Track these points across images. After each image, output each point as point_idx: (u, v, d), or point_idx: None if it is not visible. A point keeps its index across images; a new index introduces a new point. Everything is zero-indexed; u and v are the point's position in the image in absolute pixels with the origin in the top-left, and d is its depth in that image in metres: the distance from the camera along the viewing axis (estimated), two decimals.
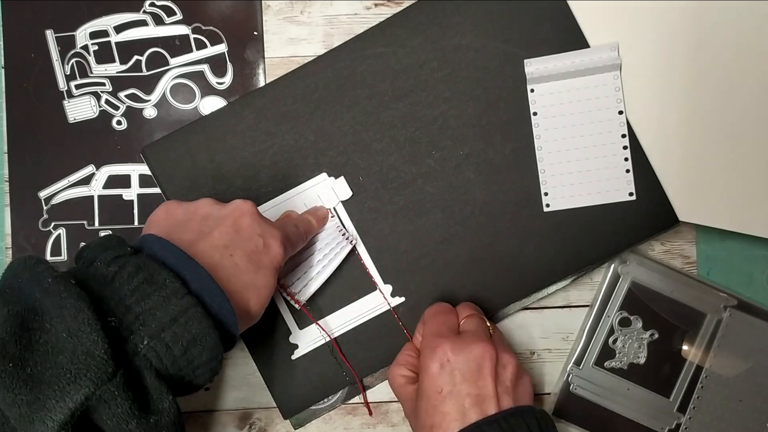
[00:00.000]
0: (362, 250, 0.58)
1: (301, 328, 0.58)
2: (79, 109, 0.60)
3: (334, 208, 0.58)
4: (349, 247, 0.57)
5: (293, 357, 0.58)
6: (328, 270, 0.57)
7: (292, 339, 0.58)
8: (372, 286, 0.58)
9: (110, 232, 0.48)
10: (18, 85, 0.60)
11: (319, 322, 0.58)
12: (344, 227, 0.58)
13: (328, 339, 0.58)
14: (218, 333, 0.42)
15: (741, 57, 0.55)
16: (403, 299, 0.58)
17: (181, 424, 0.42)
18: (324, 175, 0.58)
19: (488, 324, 0.53)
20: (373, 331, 0.58)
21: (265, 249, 0.47)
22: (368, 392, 0.59)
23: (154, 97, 0.60)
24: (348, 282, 0.58)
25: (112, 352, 0.38)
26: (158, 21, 0.60)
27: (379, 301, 0.58)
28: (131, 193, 0.60)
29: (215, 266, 0.44)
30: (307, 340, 0.58)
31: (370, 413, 0.59)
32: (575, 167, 0.58)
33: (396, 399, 0.59)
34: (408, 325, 0.58)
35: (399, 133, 0.58)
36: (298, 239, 0.52)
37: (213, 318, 0.42)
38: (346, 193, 0.58)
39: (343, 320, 0.58)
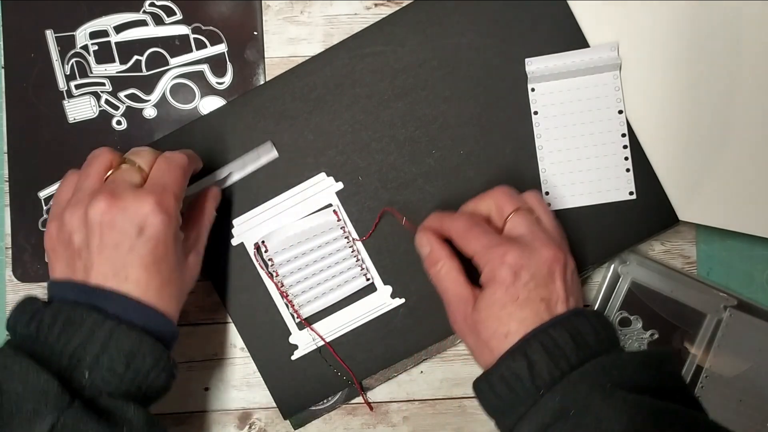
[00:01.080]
0: (363, 254, 0.58)
1: (300, 329, 0.58)
2: (79, 109, 0.60)
3: (349, 231, 0.58)
4: (364, 282, 0.57)
5: (293, 357, 0.58)
6: (337, 295, 0.57)
7: (291, 339, 0.58)
8: (372, 288, 0.58)
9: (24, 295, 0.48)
10: (18, 85, 0.60)
11: (318, 324, 0.58)
12: (363, 261, 0.58)
13: (330, 338, 0.58)
14: (152, 337, 0.44)
15: (741, 57, 0.55)
16: (403, 300, 0.58)
17: (156, 424, 0.44)
18: (323, 174, 0.58)
19: (535, 214, 0.51)
20: (373, 333, 0.58)
21: (145, 236, 0.45)
22: (368, 393, 0.59)
23: (154, 97, 0.60)
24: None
25: (63, 388, 0.41)
26: (158, 21, 0.60)
27: (379, 303, 0.58)
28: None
29: (120, 288, 0.45)
30: (307, 340, 0.58)
31: (371, 408, 0.59)
32: (575, 166, 0.58)
33: (396, 399, 0.59)
34: (409, 327, 0.58)
35: (398, 132, 0.58)
36: (174, 180, 0.48)
37: (140, 327, 0.44)
38: (271, 154, 0.57)
39: (343, 322, 0.58)
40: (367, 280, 0.58)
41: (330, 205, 0.58)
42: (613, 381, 0.43)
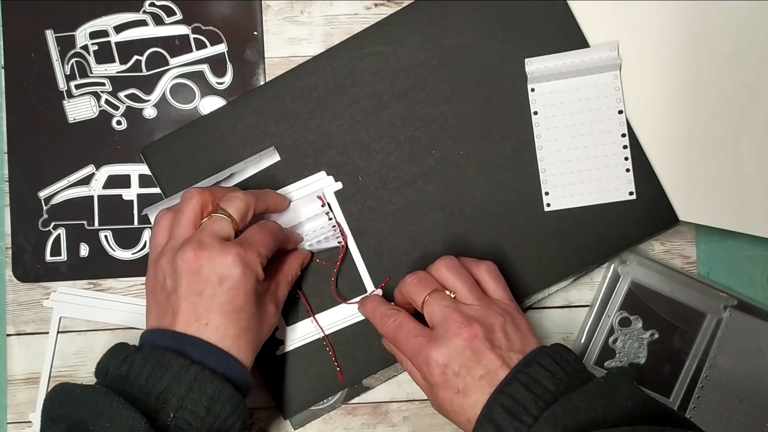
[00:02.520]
0: (355, 253, 0.58)
1: (288, 325, 0.58)
2: (79, 109, 0.60)
3: (329, 204, 0.58)
4: (335, 243, 0.57)
5: (278, 353, 0.58)
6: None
7: (278, 335, 0.58)
8: (365, 288, 0.58)
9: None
10: (18, 85, 0.60)
11: (304, 322, 0.58)
12: (339, 226, 0.58)
13: (317, 337, 0.58)
14: (231, 385, 0.47)
15: (741, 56, 0.55)
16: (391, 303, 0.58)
17: None
18: (323, 173, 0.58)
19: (447, 292, 0.51)
20: (374, 333, 0.58)
21: (226, 286, 0.47)
22: (368, 393, 0.59)
23: (154, 97, 0.60)
24: (342, 282, 0.58)
25: (150, 426, 0.44)
26: (158, 21, 0.60)
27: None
28: (131, 193, 0.60)
29: (201, 334, 0.48)
30: (294, 336, 0.58)
31: (341, 378, 0.58)
32: (575, 167, 0.58)
33: (396, 399, 0.60)
34: None
35: (399, 132, 0.58)
36: (261, 241, 0.50)
37: (221, 375, 0.47)
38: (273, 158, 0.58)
39: (335, 319, 0.58)
40: (339, 243, 0.57)
41: (319, 194, 0.58)
42: (566, 426, 0.43)
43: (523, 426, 0.45)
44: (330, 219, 0.57)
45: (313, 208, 0.57)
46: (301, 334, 0.58)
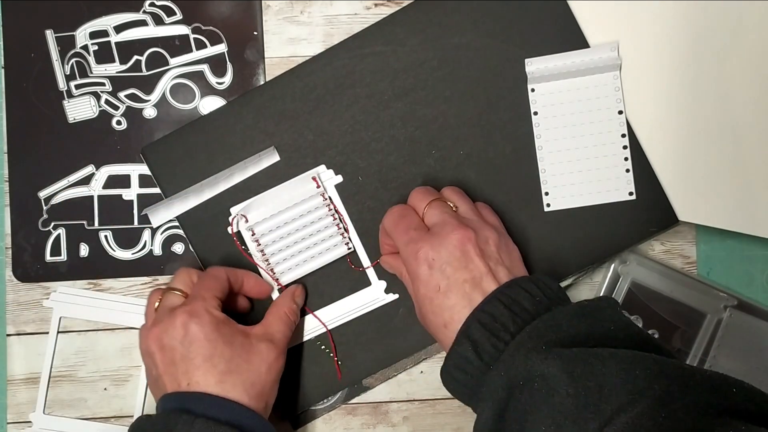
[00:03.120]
0: (359, 248, 0.58)
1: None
2: (79, 109, 0.60)
3: (329, 197, 0.58)
4: (346, 250, 0.57)
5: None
6: (318, 262, 0.57)
7: None
8: (366, 282, 0.58)
9: None
10: (18, 85, 0.60)
11: (308, 316, 0.58)
12: (345, 229, 0.58)
13: (316, 334, 0.58)
14: (238, 430, 0.47)
15: (741, 57, 0.55)
16: (397, 296, 0.58)
17: None
18: (323, 167, 0.58)
19: (450, 204, 0.52)
20: (373, 333, 0.58)
21: (187, 341, 0.50)
22: (368, 393, 0.59)
23: (154, 97, 0.60)
24: (342, 276, 0.58)
25: None
26: (158, 21, 0.60)
27: (373, 297, 0.58)
28: (131, 193, 0.60)
29: (192, 387, 0.49)
30: (301, 331, 0.58)
31: (339, 372, 0.59)
32: (575, 167, 0.58)
33: (396, 399, 0.60)
34: (409, 327, 0.58)
35: (398, 132, 0.58)
36: (205, 287, 0.52)
37: (226, 422, 0.48)
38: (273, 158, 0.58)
39: (334, 315, 0.58)
40: (349, 248, 0.58)
41: (314, 174, 0.58)
42: (548, 341, 0.43)
43: (499, 342, 0.45)
44: (325, 200, 0.57)
45: (308, 189, 0.57)
46: (308, 328, 0.58)
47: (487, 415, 0.44)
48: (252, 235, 0.57)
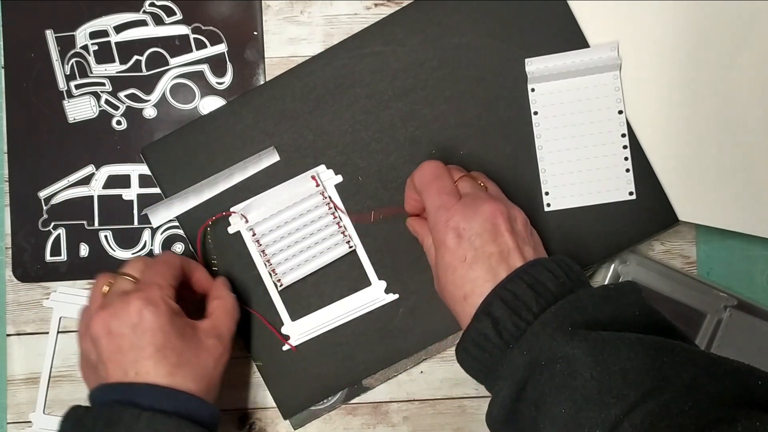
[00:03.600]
0: (359, 249, 0.58)
1: (293, 320, 0.58)
2: (79, 109, 0.60)
3: (328, 195, 0.58)
4: (347, 249, 0.57)
5: (284, 348, 0.58)
6: (318, 262, 0.57)
7: (283, 330, 0.58)
8: (366, 282, 0.58)
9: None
10: (18, 85, 0.60)
11: (309, 316, 0.58)
12: (345, 227, 0.58)
13: (322, 331, 0.58)
14: (189, 420, 0.47)
15: (741, 57, 0.55)
16: (397, 296, 0.58)
17: None
18: (323, 167, 0.58)
19: (480, 182, 0.52)
20: (373, 333, 0.58)
21: (140, 330, 0.48)
22: (368, 393, 0.59)
23: (154, 97, 0.60)
24: (342, 276, 0.58)
25: None
26: (158, 21, 0.60)
27: (373, 297, 0.58)
28: (131, 193, 0.60)
29: (137, 376, 0.48)
30: (299, 332, 0.58)
31: (294, 349, 0.58)
32: (575, 167, 0.58)
33: (396, 399, 0.60)
34: (409, 327, 0.58)
35: (398, 132, 0.58)
36: (159, 274, 0.51)
37: (175, 413, 0.46)
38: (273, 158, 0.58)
39: (334, 315, 0.58)
40: (350, 247, 0.57)
41: (313, 174, 0.58)
42: (574, 322, 0.43)
43: (521, 321, 0.44)
44: (324, 198, 0.57)
45: (308, 188, 0.57)
46: (308, 327, 0.58)
47: (505, 393, 0.43)
48: (252, 236, 0.57)
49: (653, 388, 0.39)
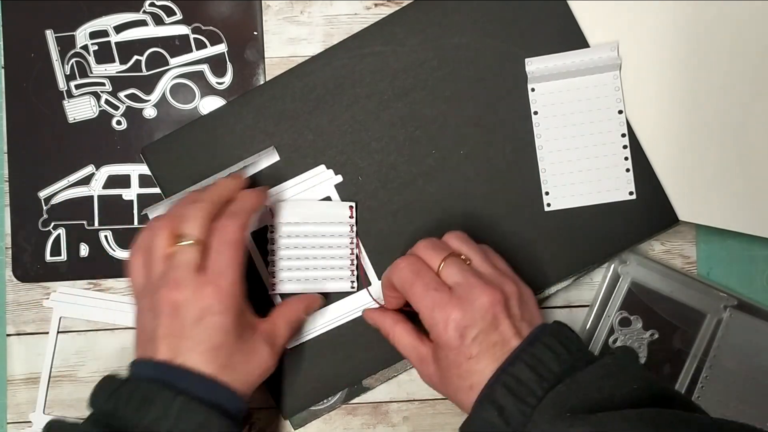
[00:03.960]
0: (365, 260, 0.58)
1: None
2: (79, 109, 0.60)
3: (356, 231, 0.58)
4: (348, 287, 0.57)
5: (288, 346, 0.58)
6: (316, 286, 0.57)
7: None
8: (366, 282, 0.58)
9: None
10: (18, 85, 0.60)
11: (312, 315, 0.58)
12: (356, 267, 0.58)
13: (325, 330, 0.58)
14: (219, 411, 0.47)
15: (741, 57, 0.55)
16: None
17: None
18: (322, 167, 0.58)
19: (461, 256, 0.51)
20: (373, 333, 0.58)
21: (203, 325, 0.48)
22: (368, 393, 0.59)
23: (154, 97, 0.60)
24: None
25: None
26: (158, 21, 0.60)
27: (369, 299, 0.58)
28: (131, 193, 0.60)
29: (184, 363, 0.48)
30: (301, 331, 0.58)
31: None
32: (575, 167, 0.58)
33: (396, 399, 0.59)
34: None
35: (398, 132, 0.58)
36: (230, 263, 0.49)
37: (208, 402, 0.47)
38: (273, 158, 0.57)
39: (335, 315, 0.58)
40: (352, 287, 0.57)
41: (352, 204, 0.58)
42: (573, 407, 0.43)
43: (527, 407, 0.44)
44: (351, 231, 0.57)
45: (342, 214, 0.57)
46: (308, 327, 0.58)
47: None
48: (270, 233, 0.57)
49: None
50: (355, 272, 0.58)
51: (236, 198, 0.53)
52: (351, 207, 0.57)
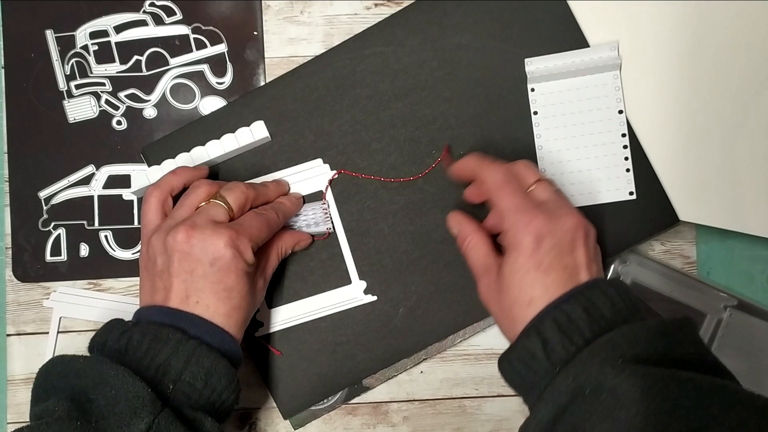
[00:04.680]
0: (343, 243, 0.58)
1: (270, 308, 0.58)
2: (79, 109, 0.60)
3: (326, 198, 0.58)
4: (324, 228, 0.58)
5: (256, 334, 0.58)
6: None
7: (258, 316, 0.58)
8: (347, 280, 0.58)
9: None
10: (18, 85, 0.60)
11: (285, 307, 0.58)
12: (330, 215, 0.58)
13: (299, 322, 0.58)
14: (226, 359, 0.48)
15: (741, 56, 0.55)
16: (375, 298, 0.58)
17: None
18: (319, 161, 0.58)
19: (554, 185, 0.52)
20: (373, 333, 0.58)
21: (216, 267, 0.48)
22: (368, 393, 0.59)
23: (154, 97, 0.60)
24: (326, 270, 0.58)
25: (155, 395, 0.45)
26: (158, 21, 0.60)
27: (351, 296, 0.58)
28: (131, 193, 0.60)
29: (192, 311, 0.49)
30: (275, 320, 0.58)
31: (279, 353, 0.58)
32: (575, 167, 0.58)
33: (396, 399, 0.60)
34: (409, 327, 0.58)
35: (399, 132, 0.58)
36: (256, 228, 0.51)
37: (216, 349, 0.48)
38: (263, 132, 0.57)
39: (310, 309, 0.58)
40: (328, 229, 0.58)
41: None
42: (624, 355, 0.42)
43: (571, 345, 0.44)
44: (323, 203, 0.57)
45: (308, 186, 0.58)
46: (283, 317, 0.58)
47: (544, 415, 0.43)
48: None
49: (699, 426, 0.39)
50: (329, 219, 0.58)
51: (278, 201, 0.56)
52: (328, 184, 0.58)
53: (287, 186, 0.58)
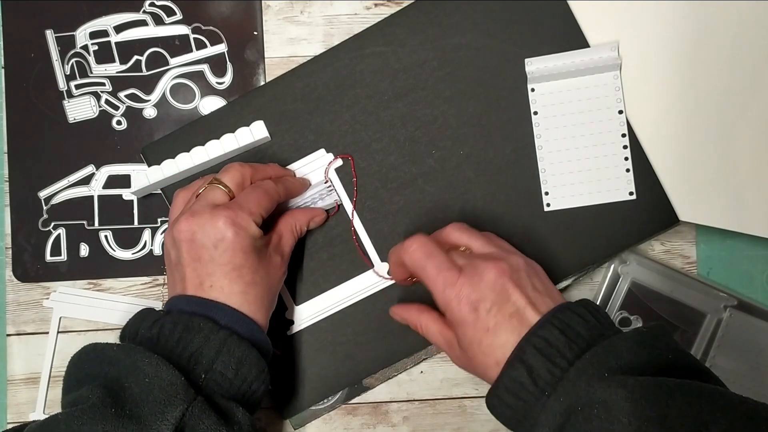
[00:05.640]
0: (359, 228, 0.58)
1: (297, 304, 0.58)
2: (79, 109, 0.60)
3: (329, 178, 0.58)
4: (331, 201, 0.58)
5: (288, 333, 0.58)
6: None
7: (287, 315, 0.58)
8: (365, 266, 0.58)
9: (143, 307, 0.52)
10: (18, 85, 0.60)
11: (311, 301, 0.58)
12: (334, 188, 0.58)
13: (323, 316, 0.58)
14: (256, 350, 0.49)
15: (741, 56, 0.55)
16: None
17: (258, 430, 0.50)
18: (322, 150, 0.58)
19: (461, 248, 0.52)
20: (374, 333, 0.58)
21: (221, 248, 0.49)
22: (368, 393, 0.59)
23: (154, 97, 0.60)
24: (342, 262, 0.58)
25: (188, 383, 0.45)
26: (158, 21, 0.60)
27: (372, 281, 0.58)
28: (131, 193, 0.60)
29: (208, 296, 0.49)
30: (303, 316, 0.58)
31: (278, 353, 0.58)
32: (575, 167, 0.58)
33: (396, 399, 0.60)
34: (409, 327, 0.58)
35: (399, 132, 0.58)
36: (254, 200, 0.51)
37: (247, 339, 0.49)
38: (262, 132, 0.58)
39: (336, 299, 0.58)
40: (335, 202, 0.58)
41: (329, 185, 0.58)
42: (610, 368, 0.43)
43: (555, 368, 0.44)
44: (327, 182, 0.58)
45: (315, 176, 0.58)
46: (309, 313, 0.58)
47: None
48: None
49: None
50: (338, 200, 0.58)
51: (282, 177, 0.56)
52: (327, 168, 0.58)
53: (292, 170, 0.58)
